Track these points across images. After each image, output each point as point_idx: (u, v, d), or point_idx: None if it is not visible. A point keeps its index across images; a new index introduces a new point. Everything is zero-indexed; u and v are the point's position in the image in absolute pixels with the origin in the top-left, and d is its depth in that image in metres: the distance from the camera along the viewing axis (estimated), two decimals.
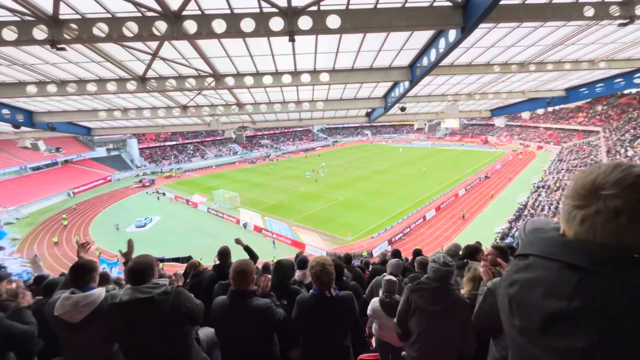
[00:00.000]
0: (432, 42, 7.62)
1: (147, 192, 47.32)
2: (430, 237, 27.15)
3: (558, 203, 26.96)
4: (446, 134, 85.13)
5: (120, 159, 62.35)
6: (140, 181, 52.97)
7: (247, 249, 4.41)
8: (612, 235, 0.75)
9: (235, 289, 2.61)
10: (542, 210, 26.59)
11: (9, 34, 5.50)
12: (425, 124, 17.19)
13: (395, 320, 2.98)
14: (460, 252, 4.40)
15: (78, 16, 5.60)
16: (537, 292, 0.77)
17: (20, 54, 7.38)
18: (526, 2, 5.96)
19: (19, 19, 5.48)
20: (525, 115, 18.39)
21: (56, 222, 35.03)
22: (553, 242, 0.84)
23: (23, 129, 12.85)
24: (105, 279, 5.89)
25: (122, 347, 2.45)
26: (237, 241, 4.50)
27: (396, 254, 6.17)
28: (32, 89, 9.06)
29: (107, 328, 2.37)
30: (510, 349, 0.96)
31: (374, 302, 3.46)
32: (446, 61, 9.01)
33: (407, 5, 5.81)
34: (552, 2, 6.06)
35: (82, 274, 2.51)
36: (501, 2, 4.70)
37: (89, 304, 2.37)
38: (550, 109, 17.68)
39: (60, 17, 5.32)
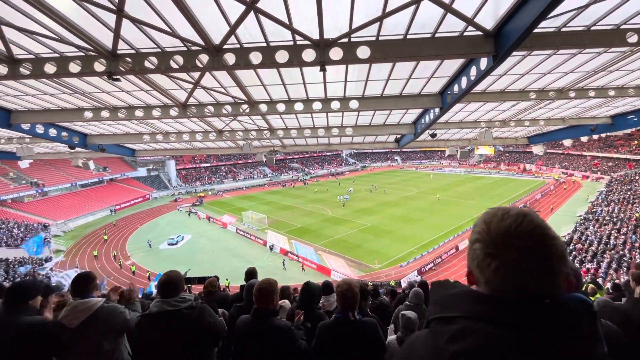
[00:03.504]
0: (463, 70, 7.60)
1: (178, 209, 49.69)
2: (463, 269, 25.61)
3: (608, 238, 24.61)
4: (480, 161, 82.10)
5: (158, 178, 66.16)
6: (176, 200, 55.67)
7: None
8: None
9: (258, 306, 2.62)
10: (590, 245, 24.35)
11: (74, 67, 6.24)
12: (457, 151, 16.79)
13: None
14: None
15: (132, 51, 6.26)
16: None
17: (80, 84, 8.30)
18: (562, 30, 5.84)
19: (83, 54, 6.22)
20: (567, 142, 17.42)
21: (97, 236, 37.28)
22: (473, 299, 0.79)
23: (77, 149, 14.17)
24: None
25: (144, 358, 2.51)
26: None
27: (422, 285, 5.87)
28: (88, 114, 10.06)
29: (135, 339, 2.47)
30: None
31: (391, 341, 3.22)
32: (478, 88, 8.90)
33: (437, 35, 5.90)
34: (591, 29, 5.89)
35: (84, 283, 2.67)
36: (535, 30, 4.65)
37: (86, 310, 2.48)
38: (595, 136, 16.65)
39: (118, 52, 5.97)
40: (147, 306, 3.02)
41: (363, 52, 5.81)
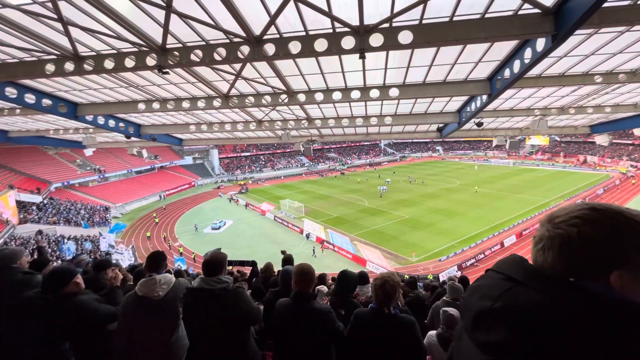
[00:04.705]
0: (516, 53, 6.99)
1: (220, 195, 52.57)
2: None
3: None
4: (532, 152, 76.01)
5: (203, 167, 69.90)
6: (219, 187, 58.62)
7: None
8: (532, 256, 0.91)
9: (298, 290, 2.70)
10: None
11: (129, 62, 6.72)
12: (506, 141, 15.68)
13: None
14: None
15: (180, 45, 6.58)
16: (477, 295, 0.89)
17: (134, 78, 8.94)
18: (639, 2, 5.10)
19: (137, 50, 6.66)
20: (638, 132, 15.44)
21: (150, 219, 40.54)
22: (509, 261, 0.94)
23: (132, 139, 15.38)
24: (180, 274, 6.61)
25: (188, 329, 2.74)
26: None
27: (463, 281, 5.62)
28: (141, 106, 10.84)
29: (182, 306, 2.73)
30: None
31: (431, 336, 3.15)
32: (533, 72, 8.15)
33: (487, 15, 5.46)
34: None
35: (160, 260, 2.92)
36: (604, 5, 4.12)
37: (168, 282, 2.73)
38: None
39: (167, 46, 6.31)
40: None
41: (405, 37, 5.56)
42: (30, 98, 9.66)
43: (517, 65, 6.90)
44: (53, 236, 28.25)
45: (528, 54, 6.30)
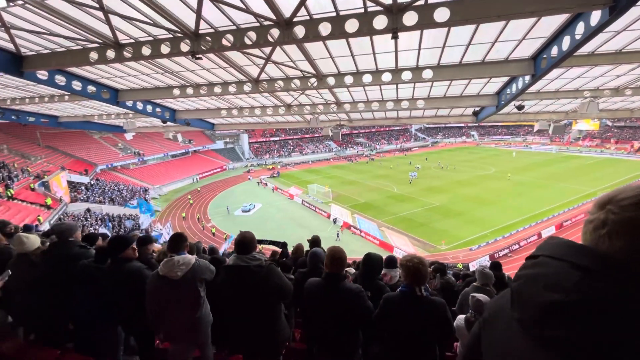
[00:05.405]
0: (565, 28, 6.38)
1: (249, 179, 54.17)
2: None
3: None
4: (579, 138, 70.27)
5: (233, 151, 71.85)
6: (249, 171, 60.20)
7: None
8: (591, 242, 0.83)
9: (330, 271, 2.77)
10: None
11: (165, 48, 6.95)
12: (549, 125, 14.60)
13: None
14: None
15: (212, 30, 6.68)
16: (539, 284, 0.82)
17: (169, 64, 9.24)
18: None
19: (172, 36, 6.85)
20: None
21: (184, 200, 42.67)
22: (563, 244, 0.87)
23: (168, 123, 16.09)
24: (214, 252, 6.95)
25: (223, 304, 2.91)
26: None
27: (494, 267, 5.43)
28: (176, 92, 11.25)
29: (214, 284, 2.92)
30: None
31: (459, 320, 3.14)
32: (584, 49, 7.44)
33: None
34: None
35: (180, 242, 3.07)
36: None
37: (186, 263, 2.90)
38: None
39: (200, 32, 6.44)
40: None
41: (441, 14, 5.25)
42: (77, 85, 10.32)
43: (566, 42, 6.31)
44: (100, 214, 30.67)
45: (580, 29, 5.72)
